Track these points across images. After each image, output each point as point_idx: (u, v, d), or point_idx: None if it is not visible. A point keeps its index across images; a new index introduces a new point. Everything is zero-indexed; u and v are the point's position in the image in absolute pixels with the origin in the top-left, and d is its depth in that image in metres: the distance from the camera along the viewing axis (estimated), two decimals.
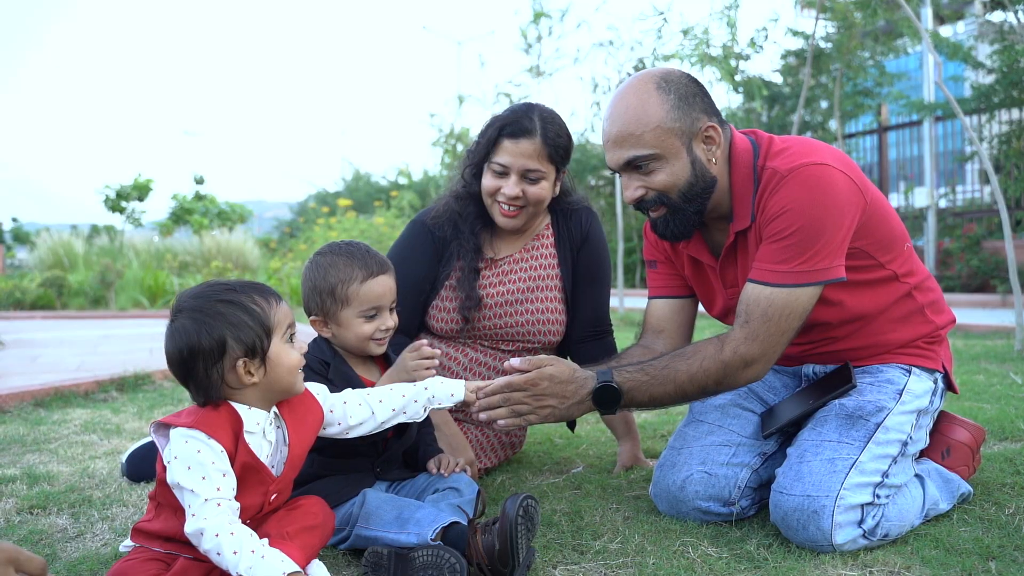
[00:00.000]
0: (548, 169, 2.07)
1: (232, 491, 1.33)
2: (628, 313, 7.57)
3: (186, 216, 19.09)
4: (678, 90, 1.67)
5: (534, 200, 2.08)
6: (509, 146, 2.04)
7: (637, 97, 1.67)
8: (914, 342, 1.80)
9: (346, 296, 1.69)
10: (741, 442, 1.81)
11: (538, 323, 2.17)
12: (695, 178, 1.69)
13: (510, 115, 2.07)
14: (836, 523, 1.54)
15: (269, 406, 1.44)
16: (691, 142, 1.68)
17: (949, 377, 1.85)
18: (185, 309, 1.36)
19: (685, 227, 1.75)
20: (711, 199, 1.73)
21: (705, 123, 1.69)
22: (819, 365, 1.87)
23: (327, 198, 20.45)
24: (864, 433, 1.65)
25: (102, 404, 3.37)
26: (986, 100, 8.25)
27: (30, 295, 9.76)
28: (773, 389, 1.93)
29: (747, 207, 1.72)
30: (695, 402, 1.89)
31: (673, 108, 1.66)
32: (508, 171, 2.05)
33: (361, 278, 1.69)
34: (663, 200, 1.71)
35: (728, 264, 1.82)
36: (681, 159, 1.67)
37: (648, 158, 1.67)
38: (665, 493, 1.79)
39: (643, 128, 1.65)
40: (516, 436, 2.28)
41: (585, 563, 1.55)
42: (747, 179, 1.72)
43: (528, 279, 2.18)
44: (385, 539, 1.53)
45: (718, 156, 1.72)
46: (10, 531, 1.79)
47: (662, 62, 7.20)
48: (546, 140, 2.03)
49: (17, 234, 26.29)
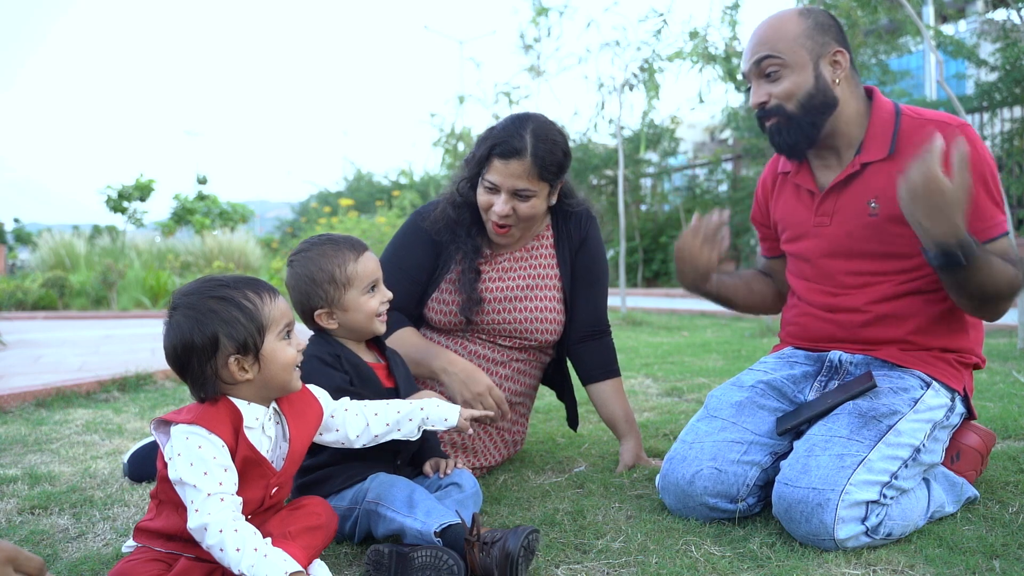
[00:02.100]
0: (539, 187, 2.06)
1: (234, 486, 1.33)
2: (630, 313, 7.57)
3: (188, 216, 19.12)
4: (816, 18, 1.84)
5: (524, 217, 2.09)
6: (499, 166, 2.03)
7: (779, 17, 1.86)
8: (945, 354, 1.83)
9: (347, 277, 1.71)
10: (754, 440, 1.80)
11: (536, 321, 2.17)
12: (816, 91, 1.82)
13: (501, 132, 2.05)
14: (839, 518, 1.54)
15: (267, 402, 1.44)
16: (819, 60, 1.82)
17: (968, 400, 1.86)
18: (180, 306, 1.37)
19: (798, 138, 1.85)
20: (830, 121, 1.84)
21: (834, 48, 1.83)
22: (845, 353, 1.88)
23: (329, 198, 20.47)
24: (876, 433, 1.65)
25: (104, 404, 3.37)
26: (988, 98, 8.24)
27: (32, 295, 9.77)
28: (794, 380, 1.92)
29: (885, 141, 1.83)
30: (711, 396, 1.94)
31: (808, 29, 1.82)
32: (499, 189, 2.05)
33: (353, 257, 1.73)
34: (782, 109, 1.83)
35: (833, 194, 1.89)
36: (806, 71, 1.81)
37: (776, 63, 1.82)
38: (673, 487, 1.79)
39: (778, 38, 1.82)
40: (517, 434, 2.28)
41: (588, 562, 1.55)
42: (888, 118, 1.85)
43: (528, 277, 2.19)
44: (391, 518, 1.54)
45: (842, 79, 1.85)
46: (11, 531, 1.79)
47: (665, 62, 7.18)
48: (536, 159, 2.01)
49: (19, 234, 26.33)
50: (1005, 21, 8.30)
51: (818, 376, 1.91)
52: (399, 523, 1.53)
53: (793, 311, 2.03)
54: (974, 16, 11.33)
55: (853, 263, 1.87)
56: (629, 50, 7.43)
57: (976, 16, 10.64)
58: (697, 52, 6.58)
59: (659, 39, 7.07)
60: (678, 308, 8.41)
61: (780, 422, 1.82)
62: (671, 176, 14.85)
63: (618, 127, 8.10)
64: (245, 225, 19.67)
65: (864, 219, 1.83)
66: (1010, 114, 8.71)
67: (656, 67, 7.20)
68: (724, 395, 1.92)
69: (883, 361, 1.84)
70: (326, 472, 1.71)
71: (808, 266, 1.96)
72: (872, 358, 1.85)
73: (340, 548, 1.67)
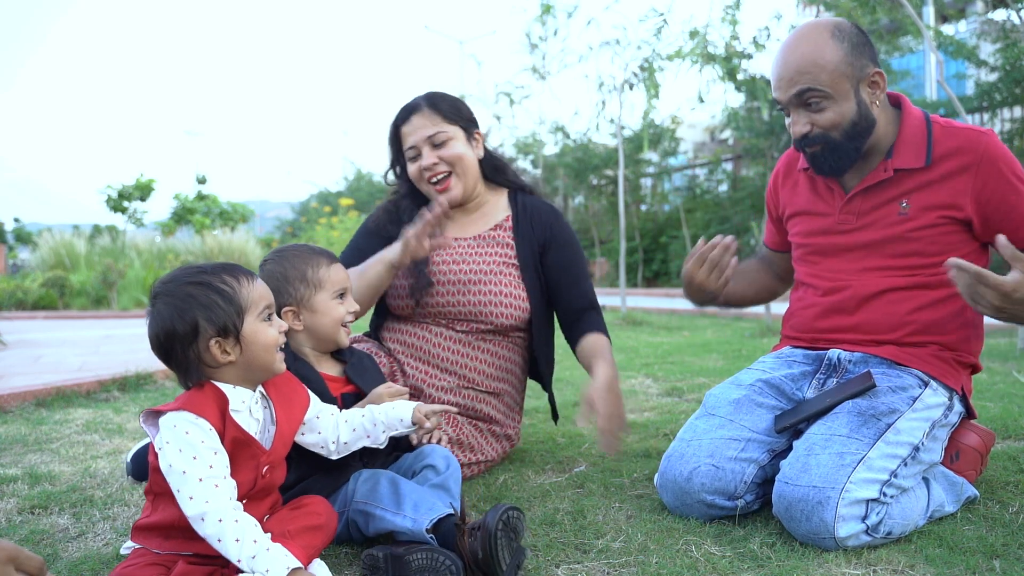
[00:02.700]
0: (450, 128, 2.16)
1: (225, 468, 1.33)
2: (630, 313, 7.57)
3: (188, 216, 19.12)
4: (851, 39, 1.81)
5: (452, 160, 2.16)
6: (406, 130, 2.18)
7: (813, 42, 1.80)
8: (943, 353, 1.83)
9: (318, 279, 1.74)
10: (751, 437, 1.80)
11: (492, 304, 2.16)
12: (859, 118, 1.81)
13: (398, 111, 2.21)
14: (840, 516, 1.54)
15: (253, 385, 1.45)
16: (859, 85, 1.81)
17: (967, 399, 1.86)
18: (160, 294, 1.39)
19: (842, 162, 1.86)
20: (870, 139, 1.85)
21: (872, 69, 1.83)
22: (844, 352, 1.89)
23: (329, 198, 20.49)
24: (875, 431, 1.65)
25: (104, 404, 3.37)
26: (988, 98, 8.24)
27: (32, 295, 9.77)
28: (792, 378, 1.93)
29: (921, 149, 1.84)
30: (710, 395, 1.95)
31: (847, 54, 1.79)
32: (418, 148, 2.16)
33: (326, 263, 1.76)
34: (826, 138, 1.83)
35: (861, 196, 1.91)
36: (849, 101, 1.80)
37: (821, 95, 1.79)
38: (671, 484, 1.79)
39: (819, 69, 1.78)
40: (510, 427, 2.28)
41: (588, 562, 1.55)
42: (920, 126, 1.86)
43: (485, 263, 2.20)
44: (381, 517, 1.55)
45: (881, 100, 1.86)
46: (11, 531, 1.79)
47: (664, 61, 7.18)
48: (431, 104, 2.16)
49: (19, 234, 26.34)
50: (1005, 21, 8.30)
51: (816, 374, 1.92)
52: (390, 522, 1.54)
53: (796, 304, 2.05)
54: (974, 16, 11.33)
55: (872, 257, 1.89)
56: (629, 49, 7.44)
57: (976, 16, 10.64)
58: (697, 52, 6.58)
59: (659, 39, 7.07)
60: (678, 308, 8.41)
61: (779, 420, 1.83)
62: (671, 176, 14.86)
63: (618, 127, 8.10)
64: (245, 225, 19.68)
65: (893, 218, 1.86)
66: (1010, 114, 8.71)
67: (656, 67, 7.20)
68: (722, 393, 1.93)
69: (881, 359, 1.84)
70: (306, 484, 1.67)
71: (821, 256, 1.97)
72: (870, 355, 1.86)
73: (340, 548, 1.67)
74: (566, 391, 3.50)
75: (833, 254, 1.95)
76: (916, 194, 1.84)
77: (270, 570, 1.25)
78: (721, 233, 2.07)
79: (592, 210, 15.53)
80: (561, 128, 13.57)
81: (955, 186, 1.81)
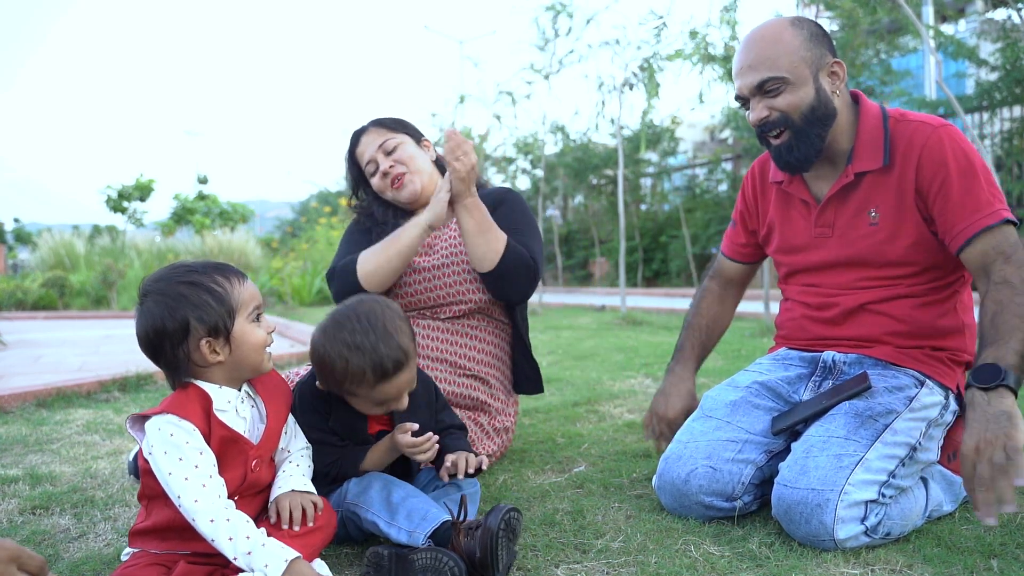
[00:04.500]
0: (398, 136, 2.33)
1: (212, 467, 1.34)
2: (629, 312, 7.57)
3: (188, 216, 19.14)
4: (809, 28, 1.83)
5: (406, 160, 2.29)
6: (359, 150, 2.34)
7: (773, 31, 1.82)
8: (938, 352, 1.84)
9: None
10: (748, 439, 1.81)
11: (464, 283, 2.22)
12: (818, 103, 1.81)
13: (349, 140, 2.38)
14: (839, 518, 1.54)
15: (238, 384, 1.46)
16: (818, 72, 1.82)
17: (962, 398, 1.86)
18: (151, 292, 1.39)
19: (807, 152, 1.83)
20: (830, 132, 1.84)
21: (831, 59, 1.83)
22: (839, 354, 1.89)
23: (329, 197, 20.48)
24: (872, 432, 1.66)
25: (104, 404, 3.37)
26: (988, 98, 8.25)
27: (32, 295, 9.79)
28: (788, 380, 1.94)
29: (878, 150, 1.82)
30: (706, 397, 1.96)
31: (806, 41, 1.81)
32: (375, 161, 2.30)
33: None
34: (786, 121, 1.81)
35: (832, 205, 1.90)
36: (808, 86, 1.80)
37: (779, 80, 1.80)
38: (669, 485, 1.80)
39: (778, 54, 1.80)
40: (507, 418, 2.30)
41: (587, 562, 1.55)
42: (877, 124, 1.85)
43: (448, 250, 2.27)
44: (372, 522, 1.55)
45: (840, 90, 1.85)
46: (13, 531, 1.79)
47: (664, 61, 7.18)
48: (377, 123, 2.36)
49: (19, 234, 26.35)
50: (1005, 21, 8.31)
51: (812, 376, 1.92)
52: (383, 531, 1.54)
53: (786, 314, 2.05)
54: (974, 16, 11.33)
55: (854, 272, 1.88)
56: (629, 49, 7.44)
57: (976, 16, 10.64)
58: (697, 52, 6.58)
59: (659, 39, 7.07)
60: (678, 308, 8.41)
61: (775, 421, 1.83)
62: (671, 176, 14.87)
63: (618, 127, 8.10)
64: (245, 225, 19.69)
65: (865, 229, 1.85)
66: (1010, 114, 8.72)
67: (656, 67, 7.20)
68: (719, 395, 1.94)
69: (876, 360, 1.85)
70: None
71: (805, 275, 1.98)
72: (865, 356, 1.86)
73: (340, 548, 1.67)
74: (566, 391, 3.50)
75: (816, 271, 1.95)
76: (882, 201, 1.83)
77: (268, 565, 1.26)
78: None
79: (592, 210, 15.55)
80: (561, 128, 13.58)
81: (911, 183, 1.79)
